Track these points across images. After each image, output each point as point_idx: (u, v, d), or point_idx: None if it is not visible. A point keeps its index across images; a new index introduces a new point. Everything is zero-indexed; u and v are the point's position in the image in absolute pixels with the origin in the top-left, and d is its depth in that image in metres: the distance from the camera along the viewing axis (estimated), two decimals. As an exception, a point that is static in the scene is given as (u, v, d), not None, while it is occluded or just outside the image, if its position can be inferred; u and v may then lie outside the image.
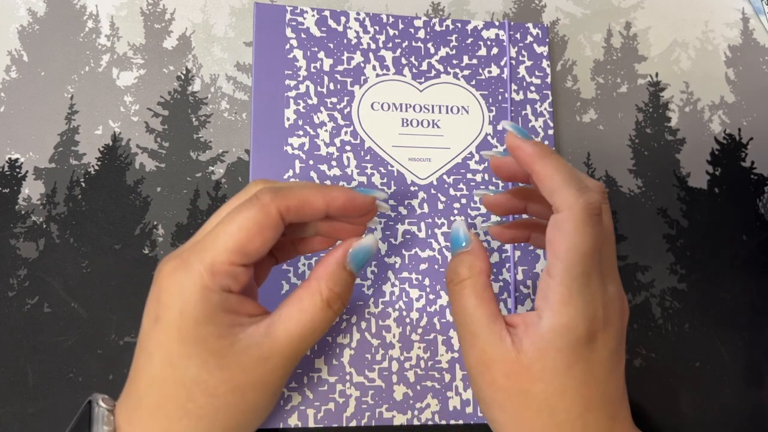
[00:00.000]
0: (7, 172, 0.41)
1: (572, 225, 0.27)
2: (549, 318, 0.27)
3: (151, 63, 0.45)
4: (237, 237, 0.26)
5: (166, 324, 0.26)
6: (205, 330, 0.26)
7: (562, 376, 0.27)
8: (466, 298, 0.30)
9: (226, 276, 0.27)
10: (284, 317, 0.28)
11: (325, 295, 0.28)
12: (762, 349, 0.45)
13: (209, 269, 0.26)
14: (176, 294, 0.26)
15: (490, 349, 0.28)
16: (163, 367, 0.26)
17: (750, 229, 0.47)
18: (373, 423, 0.38)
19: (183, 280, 0.26)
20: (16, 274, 0.40)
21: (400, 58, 0.44)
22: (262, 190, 0.28)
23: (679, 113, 0.49)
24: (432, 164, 0.43)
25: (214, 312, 0.26)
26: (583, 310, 0.27)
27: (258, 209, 0.27)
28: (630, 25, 0.51)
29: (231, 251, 0.26)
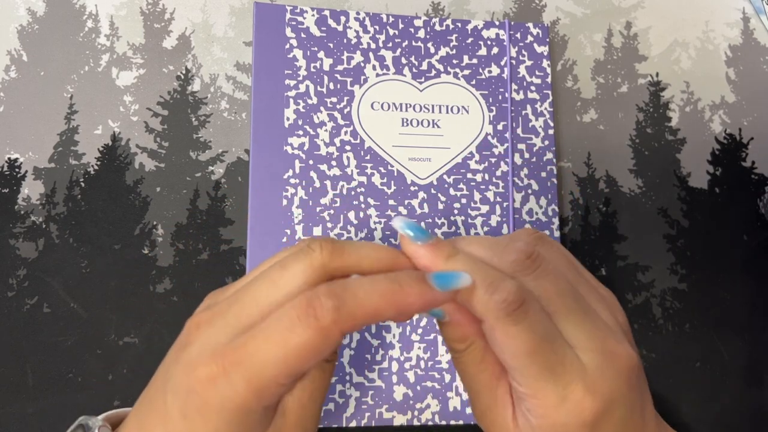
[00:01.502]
0: (7, 172, 0.41)
1: (498, 333, 0.25)
2: (535, 420, 0.26)
3: (150, 63, 0.45)
4: (285, 362, 0.23)
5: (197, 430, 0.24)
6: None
7: None
8: (466, 367, 0.28)
9: (270, 395, 0.24)
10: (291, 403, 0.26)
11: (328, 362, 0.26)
12: (762, 349, 0.45)
13: (254, 390, 0.23)
14: (213, 407, 0.23)
15: (491, 414, 0.27)
16: None
17: (750, 229, 0.47)
18: (373, 423, 0.38)
19: (222, 397, 0.23)
20: (16, 274, 0.40)
21: (400, 57, 0.44)
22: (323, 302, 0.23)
23: (680, 113, 0.49)
24: (432, 164, 0.43)
25: (247, 429, 0.24)
26: (563, 408, 0.25)
27: (316, 332, 0.23)
28: (630, 24, 0.50)
29: (279, 373, 0.23)
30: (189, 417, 0.24)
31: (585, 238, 0.45)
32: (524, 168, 0.44)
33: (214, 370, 0.23)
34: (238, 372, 0.23)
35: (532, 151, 0.44)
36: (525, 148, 0.44)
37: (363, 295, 0.24)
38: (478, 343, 0.27)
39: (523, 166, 0.44)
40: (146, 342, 0.40)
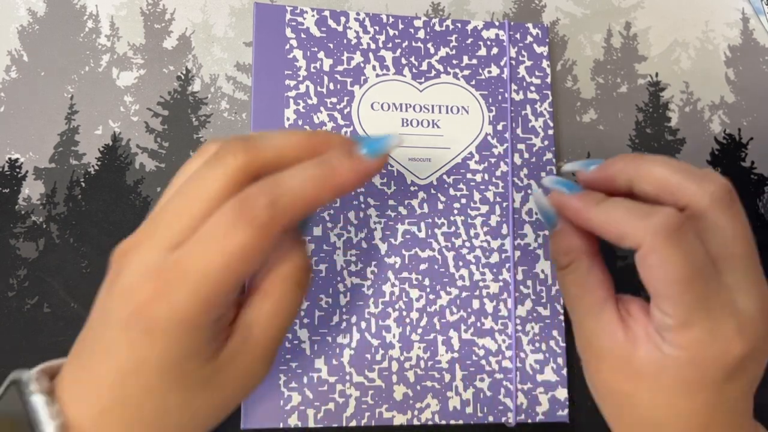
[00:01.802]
0: (7, 172, 0.41)
1: (653, 257, 0.24)
2: (672, 350, 0.24)
3: (151, 63, 0.45)
4: (228, 268, 0.22)
5: (146, 354, 0.23)
6: (188, 366, 0.23)
7: (680, 399, 0.25)
8: (568, 287, 0.28)
9: (219, 308, 0.23)
10: (256, 317, 0.25)
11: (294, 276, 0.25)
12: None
13: (200, 304, 0.22)
14: (160, 330, 0.22)
15: (597, 341, 0.26)
16: (141, 391, 0.23)
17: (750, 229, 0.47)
18: (373, 423, 0.38)
19: (169, 314, 0.22)
20: (16, 274, 0.40)
21: (400, 58, 0.44)
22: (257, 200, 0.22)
23: (679, 113, 0.49)
24: (432, 164, 0.43)
25: (199, 347, 0.23)
26: (710, 344, 0.24)
27: (255, 231, 0.22)
28: (630, 25, 0.51)
29: (224, 281, 0.22)
30: (135, 342, 0.23)
31: (585, 238, 0.45)
32: (524, 168, 0.44)
33: (155, 288, 0.22)
34: (180, 287, 0.22)
35: (532, 152, 0.44)
36: (525, 148, 0.44)
37: (296, 185, 0.23)
38: (583, 260, 0.28)
39: (523, 166, 0.44)
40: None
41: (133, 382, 0.23)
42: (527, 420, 0.40)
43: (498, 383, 0.40)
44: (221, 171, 0.23)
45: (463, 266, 0.41)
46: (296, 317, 0.26)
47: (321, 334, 0.39)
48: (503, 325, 0.41)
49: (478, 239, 0.42)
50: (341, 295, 0.40)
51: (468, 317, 0.41)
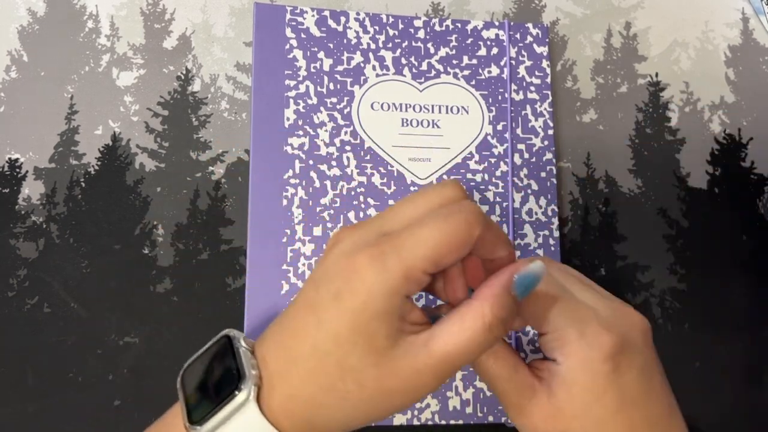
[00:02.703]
0: (7, 172, 0.41)
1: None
2: (563, 360, 0.29)
3: (151, 63, 0.45)
4: (439, 247, 0.26)
5: (347, 306, 0.26)
6: (377, 326, 0.26)
7: (594, 408, 0.28)
8: (482, 363, 0.30)
9: (415, 283, 0.27)
10: (444, 333, 0.27)
11: (488, 319, 0.27)
12: (762, 349, 0.45)
13: (404, 274, 0.26)
14: (367, 284, 0.26)
15: (521, 400, 0.29)
16: (329, 341, 0.27)
17: (750, 229, 0.47)
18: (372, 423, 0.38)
19: (377, 275, 0.26)
20: (16, 274, 0.40)
21: (400, 58, 0.44)
22: (473, 207, 0.27)
23: (679, 113, 0.49)
24: (432, 164, 0.43)
25: (391, 314, 0.26)
26: (586, 341, 0.29)
27: (465, 225, 0.27)
28: (630, 25, 0.51)
29: (428, 260, 0.26)
30: (340, 297, 0.26)
31: (584, 238, 0.45)
32: (524, 168, 0.44)
33: (374, 254, 0.26)
34: (394, 255, 0.26)
35: (532, 152, 0.44)
36: (525, 148, 0.44)
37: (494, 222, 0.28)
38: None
39: (523, 166, 0.44)
40: (146, 342, 0.40)
41: (324, 331, 0.27)
42: (527, 420, 0.40)
43: (498, 383, 0.40)
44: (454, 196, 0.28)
45: (463, 266, 0.41)
46: (477, 355, 0.28)
47: (321, 334, 0.39)
48: (503, 325, 0.41)
49: (478, 239, 0.42)
50: (341, 295, 0.40)
51: None
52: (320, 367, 0.27)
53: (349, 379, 0.27)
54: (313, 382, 0.27)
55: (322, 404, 0.27)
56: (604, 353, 0.29)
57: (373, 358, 0.26)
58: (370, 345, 0.26)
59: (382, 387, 0.27)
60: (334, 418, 0.28)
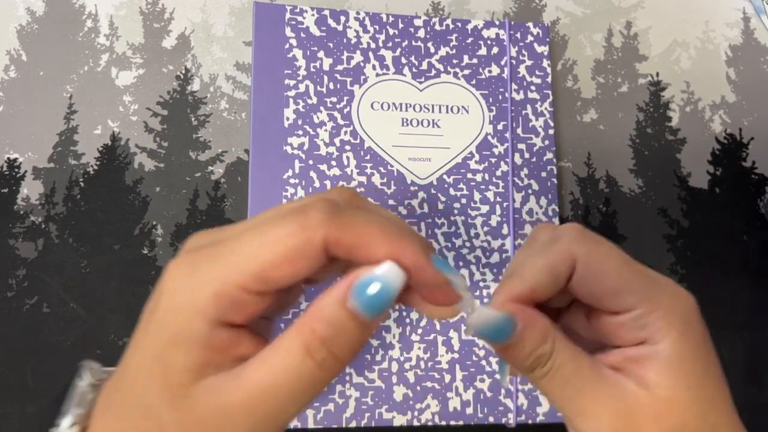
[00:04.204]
0: (6, 172, 0.41)
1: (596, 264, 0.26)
2: (661, 337, 0.24)
3: (150, 62, 0.44)
4: (261, 259, 0.21)
5: (149, 328, 0.22)
6: (174, 356, 0.21)
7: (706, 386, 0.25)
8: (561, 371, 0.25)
9: (231, 304, 0.21)
10: (257, 362, 0.21)
11: (305, 337, 0.21)
12: (762, 349, 0.45)
13: (214, 291, 0.21)
14: (169, 301, 0.22)
15: (621, 400, 0.24)
16: (133, 372, 0.22)
17: (750, 229, 0.47)
18: (372, 424, 0.38)
19: (180, 290, 0.22)
20: (15, 274, 0.40)
21: (400, 57, 0.44)
22: (317, 207, 0.21)
23: (680, 113, 0.49)
24: (432, 164, 0.43)
25: (191, 342, 0.21)
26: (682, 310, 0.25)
27: (299, 231, 0.21)
28: (630, 24, 0.50)
29: (248, 274, 0.21)
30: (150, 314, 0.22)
31: (585, 238, 0.45)
32: (524, 168, 0.44)
33: (185, 260, 0.22)
34: (206, 268, 0.21)
35: (532, 151, 0.44)
36: (525, 148, 0.44)
37: (362, 218, 0.22)
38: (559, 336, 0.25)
39: (523, 166, 0.44)
40: (146, 342, 0.40)
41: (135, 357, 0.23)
42: (527, 421, 0.40)
43: (498, 384, 0.40)
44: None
45: (463, 266, 0.41)
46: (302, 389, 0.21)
47: (321, 335, 0.39)
48: (503, 326, 0.41)
49: (478, 239, 0.42)
50: (341, 296, 0.40)
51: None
52: (125, 401, 0.22)
53: (150, 420, 0.21)
54: (122, 421, 0.22)
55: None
56: (695, 313, 0.25)
57: (168, 396, 0.21)
58: (164, 379, 0.21)
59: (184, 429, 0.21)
60: None
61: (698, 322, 0.25)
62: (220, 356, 0.21)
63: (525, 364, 0.25)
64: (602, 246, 0.26)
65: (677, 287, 0.26)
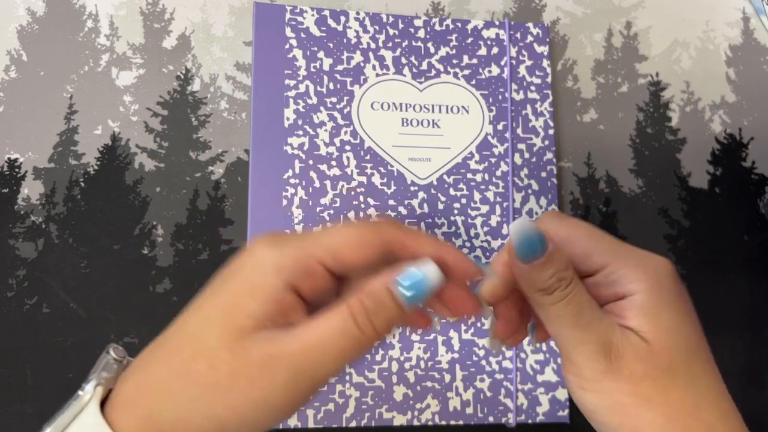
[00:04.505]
0: (6, 172, 0.41)
1: None
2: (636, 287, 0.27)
3: (150, 63, 0.44)
4: (338, 241, 0.26)
5: (228, 287, 0.26)
6: (246, 301, 0.25)
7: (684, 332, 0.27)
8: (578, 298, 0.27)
9: (307, 272, 0.25)
10: (306, 323, 0.25)
11: (352, 305, 0.25)
12: (762, 349, 0.45)
13: (296, 256, 0.25)
14: (255, 258, 0.26)
15: (612, 339, 0.26)
16: (197, 321, 0.26)
17: (750, 229, 0.47)
18: (372, 423, 0.38)
19: (267, 251, 0.26)
20: (15, 274, 0.40)
21: (400, 57, 0.44)
22: (382, 218, 0.28)
23: (680, 113, 0.49)
24: (432, 164, 0.43)
25: (265, 292, 0.25)
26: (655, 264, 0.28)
27: (369, 228, 0.26)
28: (631, 24, 0.50)
29: (326, 250, 0.25)
30: (228, 277, 0.26)
31: (585, 238, 0.45)
32: (524, 168, 0.44)
33: (273, 238, 0.26)
34: (293, 241, 0.26)
35: (532, 151, 0.44)
36: (525, 148, 0.44)
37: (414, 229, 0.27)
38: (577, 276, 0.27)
39: (523, 166, 0.44)
40: (146, 342, 0.39)
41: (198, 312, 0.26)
42: (527, 420, 0.40)
43: (498, 384, 0.40)
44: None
45: (464, 266, 0.41)
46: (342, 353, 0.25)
47: (321, 335, 0.39)
48: (503, 326, 0.41)
49: (478, 239, 0.42)
50: (341, 296, 0.40)
51: (468, 317, 0.41)
52: (177, 346, 0.25)
53: (201, 359, 0.25)
54: (166, 365, 0.25)
55: (169, 391, 0.25)
56: (670, 270, 0.28)
57: (229, 337, 0.25)
58: (231, 322, 0.25)
59: (233, 371, 0.24)
60: (180, 407, 0.24)
61: (671, 277, 0.28)
62: (282, 316, 0.25)
63: (546, 283, 0.27)
64: (571, 220, 0.29)
65: (650, 253, 0.28)
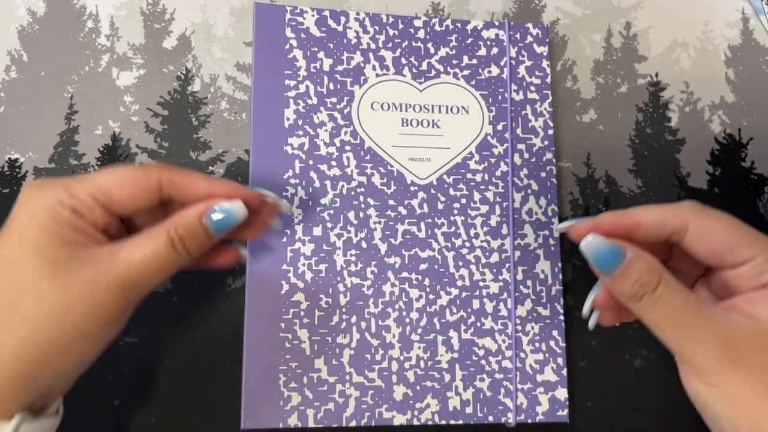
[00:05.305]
0: (7, 172, 0.41)
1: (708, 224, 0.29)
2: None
3: (150, 63, 0.45)
4: (108, 179, 0.29)
5: (14, 226, 0.27)
6: (47, 238, 0.27)
7: None
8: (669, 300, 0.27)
9: (83, 204, 0.28)
10: (128, 244, 0.29)
11: (171, 233, 0.29)
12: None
13: (68, 191, 0.28)
14: (31, 201, 0.28)
15: (729, 331, 0.26)
16: (2, 266, 0.27)
17: (750, 229, 0.47)
18: (372, 423, 0.38)
19: (41, 192, 0.28)
20: (16, 274, 0.40)
21: (400, 58, 0.44)
22: (159, 165, 0.31)
23: (679, 113, 0.49)
24: (432, 164, 0.43)
25: (60, 225, 0.27)
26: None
27: (140, 169, 0.30)
28: (630, 24, 0.50)
29: (96, 187, 0.28)
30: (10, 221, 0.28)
31: (585, 238, 0.45)
32: (524, 168, 0.44)
33: (44, 180, 0.29)
34: (62, 180, 0.29)
35: (532, 151, 0.44)
36: (525, 148, 0.44)
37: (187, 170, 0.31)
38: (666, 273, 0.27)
39: (523, 166, 0.44)
40: (146, 342, 0.40)
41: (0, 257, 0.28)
42: (527, 420, 0.40)
43: (498, 383, 0.40)
44: None
45: (463, 266, 0.41)
46: (160, 272, 0.29)
47: (321, 334, 0.39)
48: (503, 325, 0.41)
49: (478, 239, 0.42)
50: (341, 295, 0.40)
51: (468, 317, 0.41)
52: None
53: (25, 297, 0.26)
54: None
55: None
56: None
57: (47, 268, 0.26)
58: (41, 256, 0.27)
59: (62, 298, 0.26)
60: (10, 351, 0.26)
61: None
62: (85, 238, 0.28)
63: (631, 291, 0.27)
64: (714, 211, 0.29)
65: None
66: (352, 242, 0.41)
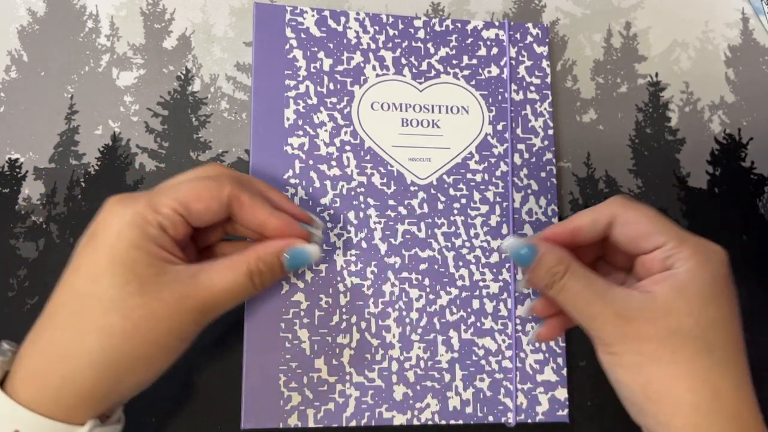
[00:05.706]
0: (7, 172, 0.41)
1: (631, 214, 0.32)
2: (680, 264, 0.30)
3: (150, 63, 0.45)
4: (186, 193, 0.29)
5: (100, 242, 0.28)
6: (135, 254, 0.28)
7: (710, 308, 0.29)
8: (573, 284, 0.31)
9: (167, 218, 0.29)
10: (213, 269, 0.30)
11: (251, 266, 0.30)
12: (762, 349, 0.45)
13: (152, 206, 0.29)
14: (117, 217, 0.28)
15: (624, 307, 0.29)
16: (87, 282, 0.28)
17: (750, 229, 0.47)
18: (372, 423, 0.38)
19: (126, 208, 0.28)
20: (16, 274, 0.40)
21: (400, 58, 0.44)
22: (228, 175, 0.32)
23: (679, 113, 0.49)
24: (432, 164, 0.43)
25: (147, 241, 0.28)
26: (706, 250, 0.31)
27: (212, 181, 0.30)
28: (630, 25, 0.51)
29: (177, 201, 0.29)
30: (94, 236, 0.29)
31: (585, 238, 0.45)
32: (524, 168, 0.44)
33: (125, 196, 0.30)
34: (144, 196, 0.29)
35: (532, 152, 0.44)
36: (525, 148, 0.44)
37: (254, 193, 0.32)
38: (574, 262, 0.31)
39: (523, 166, 0.44)
40: (146, 342, 0.40)
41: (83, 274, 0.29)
42: (527, 420, 0.40)
43: (498, 383, 0.40)
44: None
45: (463, 266, 0.41)
46: (237, 297, 0.31)
47: (321, 334, 0.39)
48: (503, 325, 0.41)
49: (478, 239, 0.42)
50: (341, 295, 0.40)
51: (468, 317, 0.41)
52: (79, 309, 0.27)
53: (112, 312, 0.27)
54: (73, 328, 0.27)
55: (82, 351, 0.27)
56: (722, 258, 0.31)
57: (135, 285, 0.27)
58: (130, 273, 0.27)
59: (148, 315, 0.27)
60: (95, 364, 0.27)
61: (721, 265, 0.31)
62: (170, 255, 0.29)
63: (545, 280, 0.32)
64: (638, 203, 0.33)
65: (709, 241, 0.32)
66: (352, 242, 0.41)
